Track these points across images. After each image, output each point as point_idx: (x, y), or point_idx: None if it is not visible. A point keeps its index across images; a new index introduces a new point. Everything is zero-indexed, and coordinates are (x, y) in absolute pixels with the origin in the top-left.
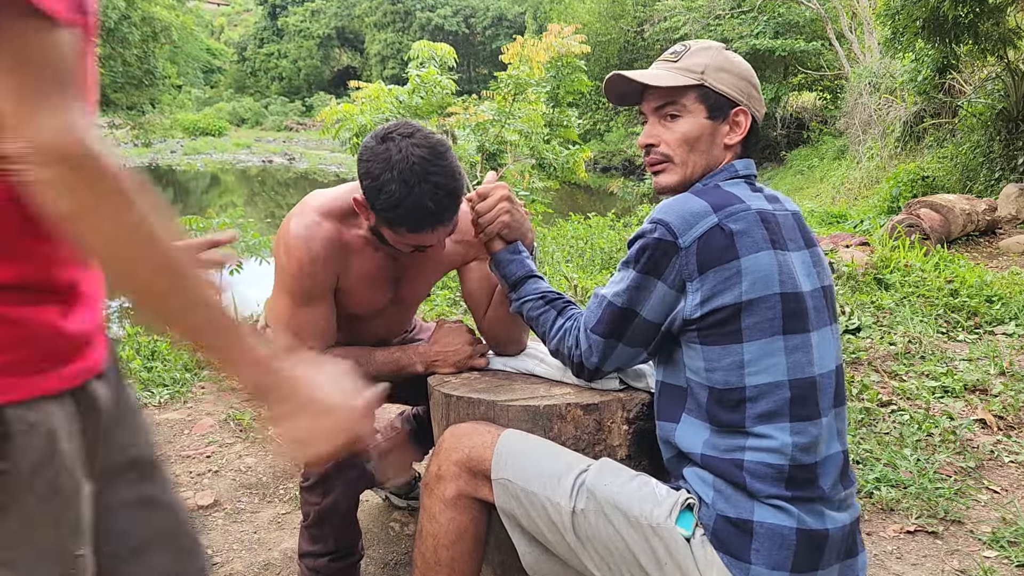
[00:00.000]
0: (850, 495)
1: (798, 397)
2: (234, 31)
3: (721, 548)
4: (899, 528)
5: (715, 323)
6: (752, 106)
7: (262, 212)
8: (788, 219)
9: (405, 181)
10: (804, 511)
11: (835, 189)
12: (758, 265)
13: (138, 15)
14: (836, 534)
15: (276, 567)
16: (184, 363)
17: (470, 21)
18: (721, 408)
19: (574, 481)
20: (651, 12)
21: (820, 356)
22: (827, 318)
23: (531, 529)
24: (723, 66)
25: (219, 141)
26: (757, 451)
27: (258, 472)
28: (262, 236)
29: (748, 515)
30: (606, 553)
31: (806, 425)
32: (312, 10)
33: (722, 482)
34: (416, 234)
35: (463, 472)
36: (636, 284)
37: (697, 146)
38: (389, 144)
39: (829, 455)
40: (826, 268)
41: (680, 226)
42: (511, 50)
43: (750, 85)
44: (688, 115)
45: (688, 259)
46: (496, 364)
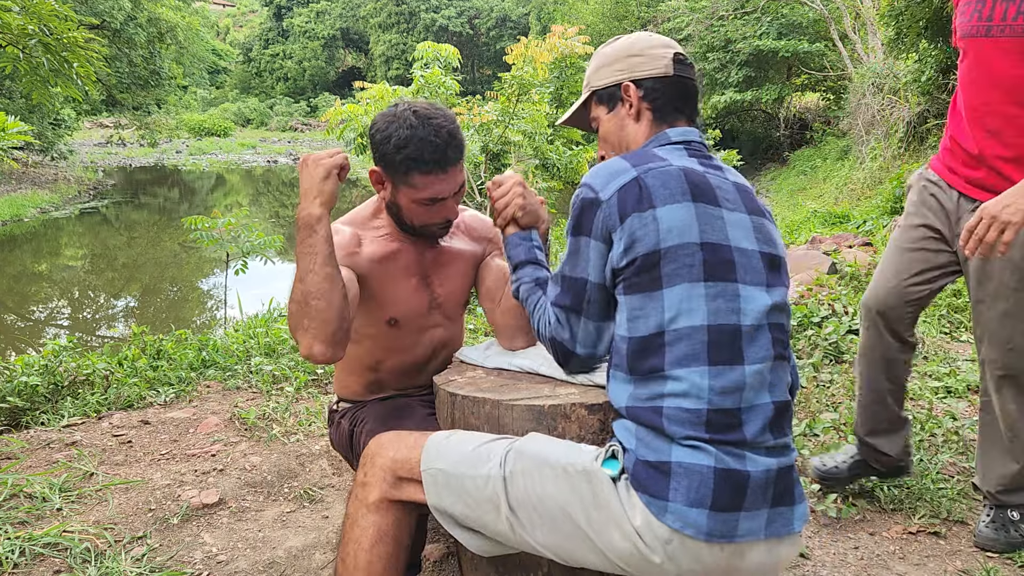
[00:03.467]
0: (783, 444)
1: (716, 342)
2: (239, 32)
3: (640, 489)
4: (902, 528)
5: (637, 271)
6: (635, 73)
7: (267, 212)
8: (727, 184)
9: (410, 125)
10: (723, 452)
11: (838, 189)
12: (675, 214)
13: (144, 16)
14: (759, 476)
15: (281, 565)
16: (189, 362)
17: (474, 22)
18: (641, 357)
19: (504, 450)
20: (655, 13)
21: (751, 308)
22: (765, 280)
23: (465, 518)
24: (599, 64)
25: (224, 141)
26: (675, 396)
27: (263, 471)
28: (267, 236)
29: (666, 457)
30: (537, 516)
31: (724, 370)
32: (317, 11)
33: (644, 430)
34: (428, 176)
35: (388, 476)
36: (574, 248)
37: (616, 139)
38: (394, 108)
39: (757, 404)
40: (773, 239)
41: (600, 183)
42: (515, 51)
43: (626, 57)
44: (600, 121)
45: (610, 210)
46: (502, 361)
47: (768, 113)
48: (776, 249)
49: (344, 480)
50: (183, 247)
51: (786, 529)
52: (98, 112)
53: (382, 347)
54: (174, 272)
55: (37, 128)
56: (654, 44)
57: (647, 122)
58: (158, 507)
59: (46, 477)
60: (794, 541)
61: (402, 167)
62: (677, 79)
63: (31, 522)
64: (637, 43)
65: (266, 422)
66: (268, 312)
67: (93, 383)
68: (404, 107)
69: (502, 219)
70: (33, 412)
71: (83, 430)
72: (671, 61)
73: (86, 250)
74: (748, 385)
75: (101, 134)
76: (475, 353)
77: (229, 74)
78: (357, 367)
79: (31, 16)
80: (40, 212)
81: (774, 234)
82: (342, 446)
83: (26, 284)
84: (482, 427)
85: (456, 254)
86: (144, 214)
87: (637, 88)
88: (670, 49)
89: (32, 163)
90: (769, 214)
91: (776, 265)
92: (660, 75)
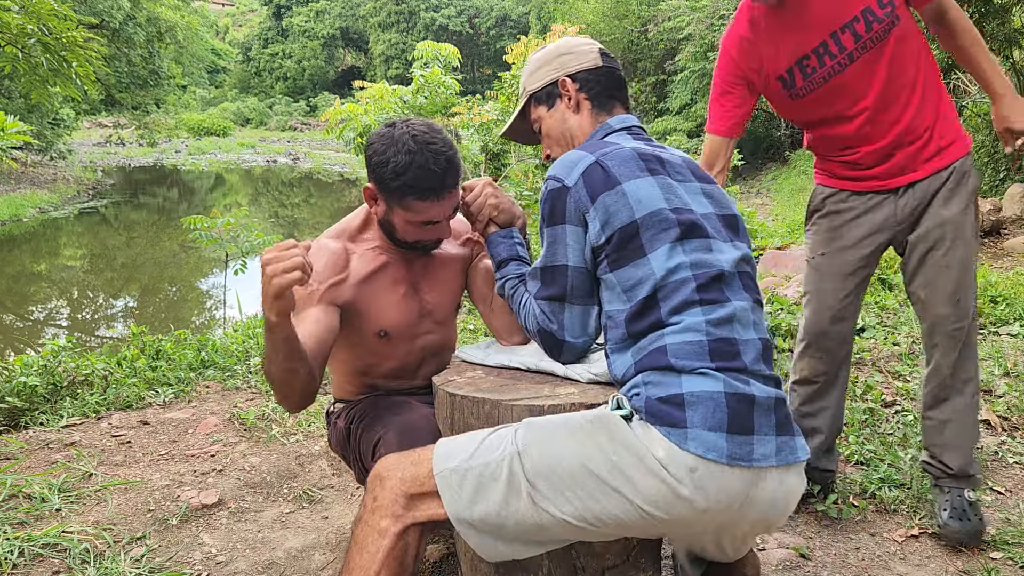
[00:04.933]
0: (774, 376)
1: (704, 286)
2: (239, 31)
3: (657, 422)
4: (903, 530)
5: (618, 245)
6: (567, 69)
7: (266, 212)
8: (675, 158)
9: (409, 151)
10: (730, 377)
11: None
12: (639, 187)
13: (143, 15)
14: (764, 401)
15: (280, 566)
16: (189, 362)
17: (474, 21)
18: (639, 319)
19: (513, 429)
20: (655, 12)
21: (724, 259)
22: (727, 236)
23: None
24: (532, 69)
25: (223, 141)
26: (675, 334)
27: (262, 471)
28: (266, 236)
29: (677, 389)
30: (558, 480)
31: (715, 307)
32: (317, 10)
33: (652, 372)
34: (423, 202)
35: (399, 498)
36: (551, 238)
37: (559, 133)
38: (391, 128)
39: (747, 339)
40: (726, 203)
41: (564, 172)
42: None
43: (556, 58)
44: (542, 121)
45: (579, 193)
46: (501, 358)
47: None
48: (730, 210)
49: (343, 480)
50: (182, 247)
51: (793, 456)
52: (97, 112)
53: (374, 354)
54: (173, 272)
55: (36, 128)
56: (580, 43)
57: (587, 111)
58: (157, 508)
59: (45, 477)
60: (800, 472)
61: (399, 192)
62: (607, 69)
63: (30, 523)
64: (563, 45)
65: (265, 422)
66: None
67: (92, 383)
68: (402, 130)
69: (479, 223)
70: (32, 412)
71: (82, 430)
72: (598, 54)
73: (85, 250)
74: (737, 319)
75: (100, 134)
76: (477, 352)
77: (228, 73)
78: (350, 372)
79: (30, 16)
80: (39, 212)
81: (725, 198)
82: (339, 445)
83: (25, 284)
84: (482, 427)
85: (445, 260)
86: (143, 214)
87: (573, 81)
88: (595, 45)
89: (31, 163)
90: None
91: (733, 224)
92: (591, 67)
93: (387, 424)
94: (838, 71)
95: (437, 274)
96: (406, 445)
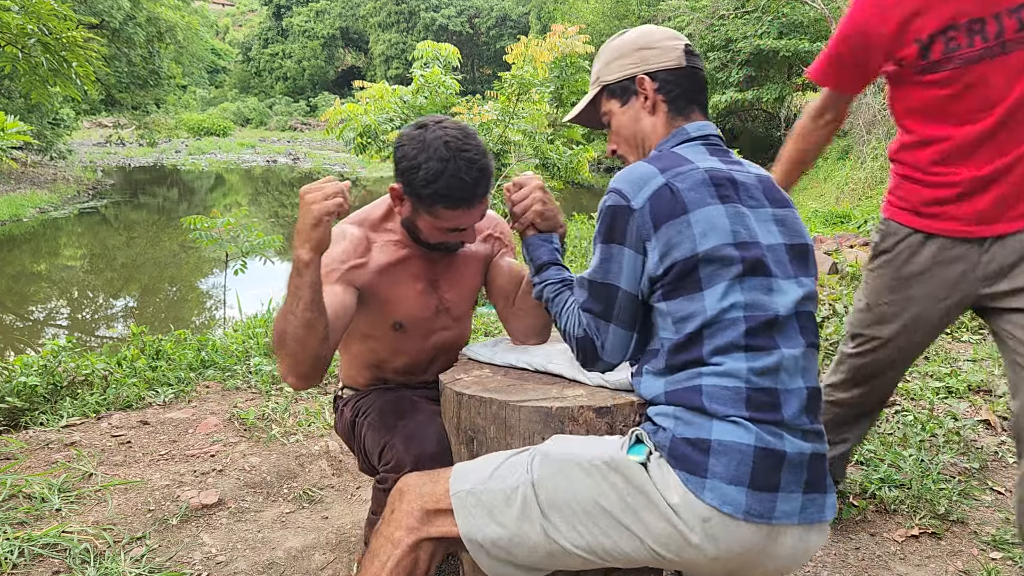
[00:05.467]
0: (817, 430)
1: (753, 331)
2: (239, 31)
3: (678, 466)
4: (903, 529)
5: (676, 277)
6: (648, 65)
7: (266, 212)
8: (750, 178)
9: (441, 157)
10: (763, 430)
11: (839, 189)
12: (707, 217)
13: (143, 15)
14: (795, 458)
15: (280, 566)
16: (189, 362)
17: (474, 21)
18: (681, 352)
19: (530, 457)
20: (655, 12)
21: (783, 300)
22: (792, 271)
23: (497, 543)
24: (609, 58)
25: (223, 141)
26: (714, 376)
27: (262, 471)
28: (266, 236)
29: (706, 434)
30: (571, 514)
31: (760, 355)
32: (316, 10)
33: (682, 409)
34: (453, 211)
35: (416, 512)
36: (606, 255)
37: (630, 132)
38: (423, 130)
39: (792, 388)
40: (798, 230)
41: (631, 190)
42: (515, 50)
43: (637, 50)
44: (612, 115)
45: (643, 219)
46: (509, 357)
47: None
48: (801, 239)
49: (343, 480)
50: (182, 247)
51: (818, 516)
52: (97, 112)
53: (387, 348)
54: (173, 272)
55: (36, 128)
56: (664, 36)
57: (663, 114)
58: (157, 508)
59: (45, 478)
60: (824, 529)
61: (428, 200)
62: (690, 70)
63: (30, 523)
64: (647, 35)
65: (265, 422)
66: (267, 312)
67: (92, 383)
68: (435, 134)
69: (520, 224)
70: (32, 412)
71: (82, 430)
72: (682, 52)
73: (85, 250)
74: (784, 368)
75: (100, 134)
76: (484, 350)
77: (228, 73)
78: (361, 363)
79: (30, 15)
80: (39, 212)
81: (798, 224)
82: (344, 434)
83: (25, 284)
84: (488, 427)
85: (466, 257)
86: (143, 214)
87: (652, 80)
88: (680, 41)
89: (31, 163)
90: (790, 203)
91: (802, 255)
92: (673, 66)
93: (393, 430)
94: (984, 58)
95: (457, 271)
96: (413, 450)
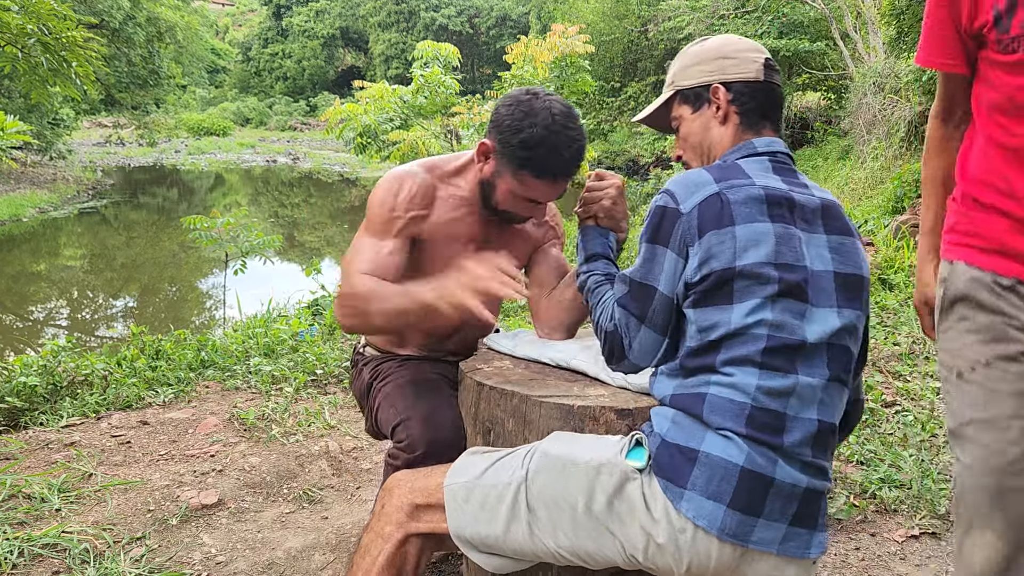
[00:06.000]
0: (820, 465)
1: (772, 349)
2: (239, 31)
3: (660, 473)
4: (903, 529)
5: (710, 287)
6: (725, 75)
7: (266, 212)
8: (812, 202)
9: (546, 126)
10: (755, 451)
11: (839, 189)
12: (753, 233)
13: (143, 15)
14: (785, 487)
15: (280, 566)
16: (188, 362)
17: (474, 21)
18: (695, 357)
19: (528, 451)
20: (655, 12)
21: (816, 328)
22: (836, 301)
23: (484, 539)
24: (686, 63)
25: (223, 141)
26: (721, 386)
27: (262, 471)
28: (266, 236)
29: (696, 444)
30: (557, 513)
31: (775, 375)
32: (316, 10)
33: (681, 414)
34: (537, 180)
35: (405, 506)
36: (649, 255)
37: (697, 140)
38: (532, 97)
39: (802, 417)
40: (854, 260)
41: (682, 193)
42: (515, 50)
43: (717, 59)
44: (682, 121)
45: (690, 223)
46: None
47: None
48: (856, 270)
49: (343, 481)
50: (182, 247)
51: (800, 552)
52: (97, 112)
53: None
54: (173, 272)
55: (36, 128)
56: (745, 47)
57: (733, 126)
58: (157, 508)
59: (45, 478)
60: (805, 567)
61: (518, 163)
62: (767, 85)
63: (30, 523)
64: (728, 45)
65: (265, 423)
66: (267, 312)
67: (92, 383)
68: (544, 103)
69: (584, 211)
70: (32, 412)
71: (82, 430)
72: (762, 66)
73: (85, 250)
74: (796, 394)
75: (100, 134)
76: (505, 341)
77: (228, 73)
78: None
79: (30, 15)
80: (39, 212)
81: (857, 254)
82: (359, 393)
83: (25, 284)
84: (507, 420)
85: (519, 233)
86: (143, 214)
87: (727, 90)
88: (761, 54)
89: (31, 163)
90: (855, 231)
91: (853, 286)
92: (751, 79)
93: (411, 408)
94: None
95: (508, 244)
96: (428, 434)
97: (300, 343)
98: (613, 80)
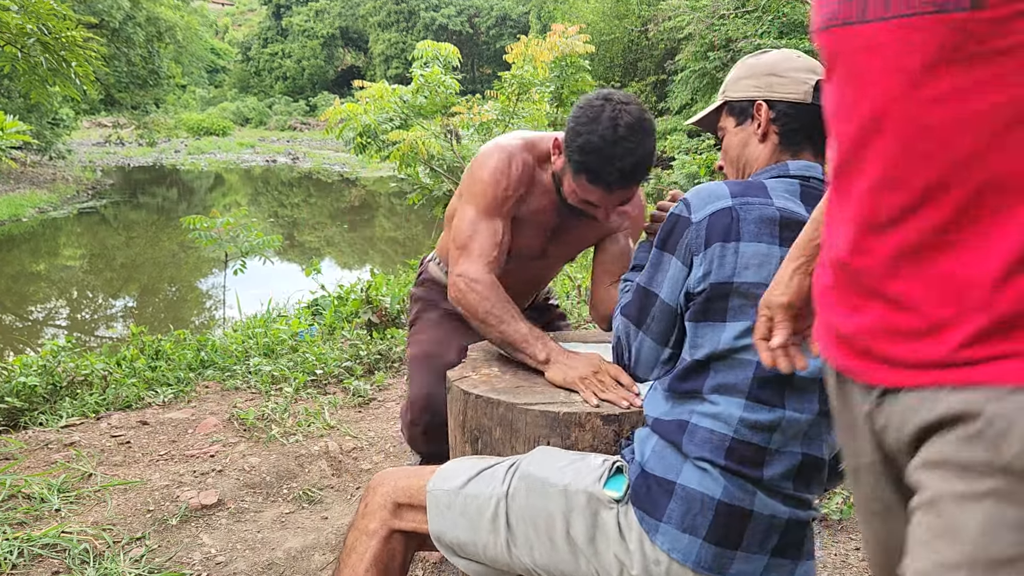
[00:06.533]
0: (802, 497)
1: (762, 380)
2: (238, 31)
3: (637, 503)
4: None
5: (708, 299)
6: (771, 93)
7: (266, 212)
8: None
9: (604, 135)
10: (733, 484)
11: None
12: (757, 252)
13: (143, 15)
14: (762, 520)
15: (280, 567)
16: (188, 362)
17: (474, 21)
18: (683, 378)
19: (509, 467)
20: (655, 11)
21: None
22: None
23: (464, 546)
24: (740, 75)
25: (223, 140)
26: (704, 416)
27: (262, 472)
28: (266, 236)
29: (674, 476)
30: (535, 533)
31: (760, 408)
32: (316, 10)
33: (663, 443)
34: (591, 187)
35: (388, 504)
36: (656, 261)
37: (736, 154)
38: (604, 103)
39: (784, 451)
40: None
41: (697, 203)
42: (515, 50)
43: (767, 75)
44: (726, 132)
45: (698, 233)
46: None
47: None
48: None
49: (343, 481)
50: (182, 247)
51: None
52: (96, 111)
53: None
54: (172, 272)
55: (35, 127)
56: (799, 67)
57: (771, 146)
58: (157, 508)
59: (44, 478)
60: None
61: (575, 165)
62: (814, 107)
63: (29, 523)
64: (783, 62)
65: (265, 423)
66: (267, 312)
67: (91, 383)
68: (611, 113)
69: (649, 228)
70: (31, 412)
71: (81, 431)
72: (812, 88)
73: (84, 250)
74: (781, 429)
75: (99, 133)
76: None
77: (228, 73)
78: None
79: (29, 15)
80: (38, 212)
81: None
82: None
83: (24, 284)
84: (495, 428)
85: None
86: (142, 214)
87: (770, 109)
88: (814, 75)
89: (30, 163)
90: None
91: None
92: (797, 100)
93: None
94: None
95: (579, 230)
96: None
97: (300, 343)
98: (613, 80)
